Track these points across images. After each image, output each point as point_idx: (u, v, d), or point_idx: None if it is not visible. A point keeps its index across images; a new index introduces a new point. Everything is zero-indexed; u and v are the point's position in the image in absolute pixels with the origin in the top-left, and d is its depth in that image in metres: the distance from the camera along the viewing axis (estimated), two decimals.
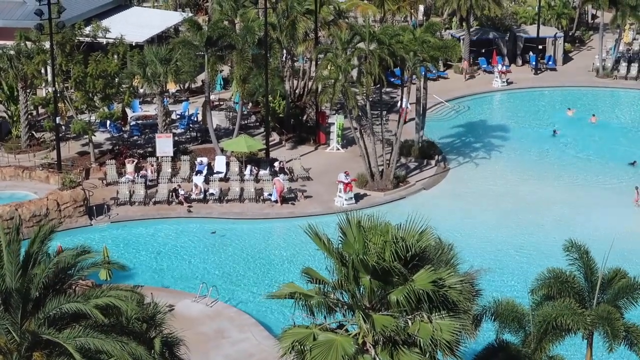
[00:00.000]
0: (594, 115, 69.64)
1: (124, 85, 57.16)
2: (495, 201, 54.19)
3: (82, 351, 23.33)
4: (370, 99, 55.96)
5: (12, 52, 56.59)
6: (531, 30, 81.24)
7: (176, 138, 59.13)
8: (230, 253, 47.71)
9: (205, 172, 54.76)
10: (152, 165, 55.30)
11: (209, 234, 49.53)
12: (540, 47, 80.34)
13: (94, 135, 56.78)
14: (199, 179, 53.38)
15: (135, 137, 60.52)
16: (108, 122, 59.61)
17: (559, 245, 30.62)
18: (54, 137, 55.95)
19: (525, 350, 29.03)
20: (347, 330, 23.96)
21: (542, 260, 43.23)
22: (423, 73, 58.64)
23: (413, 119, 60.12)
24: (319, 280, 24.00)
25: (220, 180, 54.44)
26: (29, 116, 58.58)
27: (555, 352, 29.63)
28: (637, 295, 28.91)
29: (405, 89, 57.31)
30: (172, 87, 67.01)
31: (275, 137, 61.86)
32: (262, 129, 62.08)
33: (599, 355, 30.82)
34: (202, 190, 52.69)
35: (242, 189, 53.37)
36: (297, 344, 23.61)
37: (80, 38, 58.65)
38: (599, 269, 29.16)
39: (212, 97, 63.04)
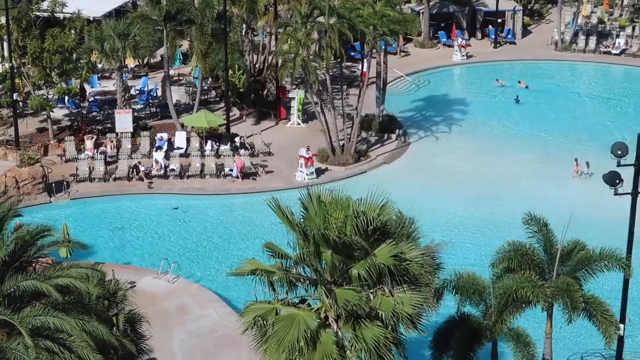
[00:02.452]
0: (520, 81, 70.43)
1: (82, 61, 56.59)
2: (455, 175, 54.46)
3: (41, 330, 23.23)
4: (331, 73, 55.88)
5: None
6: (490, 4, 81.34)
7: (136, 114, 58.70)
8: (191, 229, 47.64)
9: (165, 148, 54.50)
10: (112, 142, 54.92)
11: (169, 210, 49.40)
12: (499, 20, 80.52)
13: (52, 112, 56.23)
14: (159, 155, 53.12)
15: (94, 113, 59.99)
16: (66, 98, 59.00)
17: (518, 219, 30.84)
18: (11, 114, 55.36)
19: (486, 323, 29.30)
20: (309, 305, 24.02)
21: (502, 234, 43.44)
22: (383, 47, 58.63)
23: (374, 80, 59.98)
24: (281, 254, 24.01)
25: (181, 156, 54.22)
26: None
27: (515, 324, 29.93)
28: (596, 266, 29.22)
29: (365, 60, 57.39)
30: (130, 63, 66.33)
31: (235, 112, 61.63)
32: (222, 104, 61.77)
33: (558, 326, 31.16)
34: (163, 166, 52.47)
35: (202, 165, 53.21)
36: (259, 319, 23.64)
37: (37, 13, 57.91)
38: (558, 241, 29.41)
39: (171, 72, 62.56)
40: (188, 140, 56.01)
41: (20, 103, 58.46)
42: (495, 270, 29.92)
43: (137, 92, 63.39)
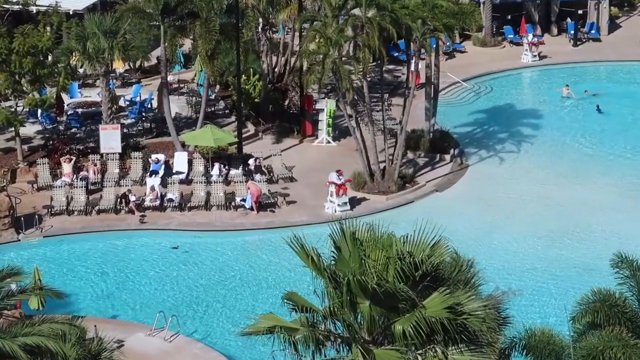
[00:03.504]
0: (567, 86, 70.19)
1: (59, 65, 56.90)
2: (524, 206, 54.21)
3: None
4: (369, 79, 55.84)
5: None
6: None
7: (125, 130, 58.97)
8: (193, 274, 47.57)
9: (162, 172, 54.64)
10: (95, 165, 55.12)
11: (167, 251, 49.41)
12: (580, 12, 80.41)
13: (23, 126, 56.54)
14: (154, 181, 53.23)
15: (73, 130, 60.35)
16: (39, 110, 59.36)
17: (605, 260, 30.59)
18: None
19: None
20: None
21: (585, 279, 43.31)
22: (434, 46, 58.54)
23: (423, 85, 59.96)
24: (306, 307, 23.89)
25: (181, 182, 54.33)
26: None
27: None
28: None
29: (412, 60, 57.34)
30: (119, 66, 66.78)
31: (249, 127, 61.73)
32: (233, 118, 61.92)
33: None
34: (158, 195, 52.55)
35: (208, 194, 53.27)
36: None
37: (5, 6, 58.35)
38: None
39: (170, 78, 62.80)
40: (190, 162, 56.14)
41: None
42: (577, 325, 29.63)
43: (128, 103, 63.71)
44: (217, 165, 55.34)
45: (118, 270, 47.88)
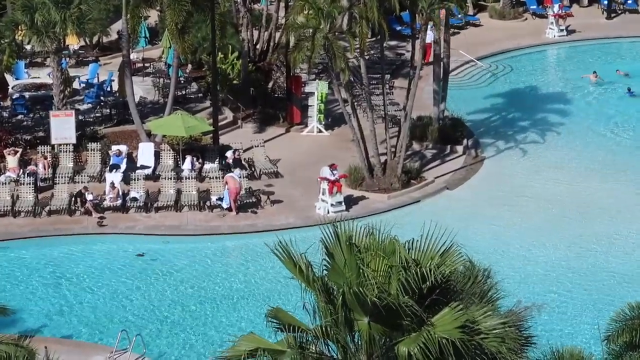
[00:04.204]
0: (594, 72, 70.70)
1: (2, 41, 56.82)
2: (550, 206, 54.29)
3: None
4: (367, 57, 55.79)
5: None
6: None
7: (81, 117, 58.88)
8: (161, 287, 47.54)
9: (124, 166, 54.61)
10: (46, 158, 55.07)
11: (130, 258, 49.37)
12: None
13: None
14: (115, 177, 53.17)
15: (19, 117, 60.28)
16: None
17: None
18: None
19: None
20: None
21: (621, 293, 43.38)
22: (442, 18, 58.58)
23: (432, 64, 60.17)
24: (293, 326, 23.83)
25: (147, 178, 54.31)
26: None
27: None
28: None
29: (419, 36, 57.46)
30: (73, 43, 66.68)
31: (227, 114, 61.67)
32: (207, 103, 61.85)
33: None
34: (120, 193, 52.50)
35: (178, 192, 53.27)
36: None
37: None
38: None
39: (133, 56, 62.68)
40: (157, 155, 56.12)
41: None
42: (612, 346, 29.68)
43: (83, 85, 63.64)
44: (189, 158, 55.30)
45: (73, 282, 47.80)
